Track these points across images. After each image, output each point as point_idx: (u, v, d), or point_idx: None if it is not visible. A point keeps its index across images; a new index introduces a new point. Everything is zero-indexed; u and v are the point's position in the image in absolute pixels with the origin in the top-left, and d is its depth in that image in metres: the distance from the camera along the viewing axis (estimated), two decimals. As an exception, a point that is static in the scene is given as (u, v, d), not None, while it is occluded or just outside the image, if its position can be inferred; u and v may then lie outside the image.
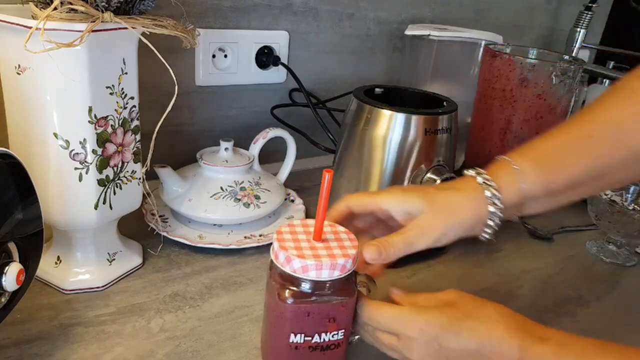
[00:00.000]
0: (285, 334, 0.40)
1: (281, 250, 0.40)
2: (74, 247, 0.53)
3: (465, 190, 0.44)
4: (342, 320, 0.41)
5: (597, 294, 0.62)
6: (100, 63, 0.46)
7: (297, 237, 0.42)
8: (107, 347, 0.45)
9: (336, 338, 0.41)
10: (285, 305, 0.39)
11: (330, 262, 0.38)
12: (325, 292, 0.40)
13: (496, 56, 0.73)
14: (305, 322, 0.40)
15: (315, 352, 0.41)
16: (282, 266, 0.40)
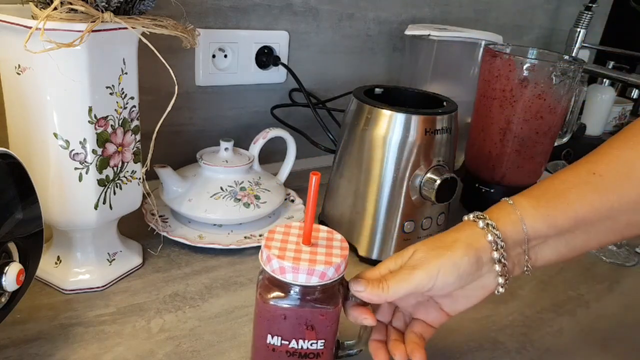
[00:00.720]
0: (263, 333, 0.40)
1: (265, 249, 0.40)
2: (74, 247, 0.53)
3: (463, 231, 0.42)
4: (322, 330, 0.40)
5: (597, 294, 0.62)
6: (100, 63, 0.46)
7: (288, 238, 0.41)
8: (107, 347, 0.45)
9: (315, 347, 0.40)
10: (263, 305, 0.39)
11: (308, 268, 0.38)
12: (304, 298, 0.39)
13: (496, 56, 0.73)
14: (281, 324, 0.39)
15: (293, 357, 0.41)
16: (264, 265, 0.40)
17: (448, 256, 0.40)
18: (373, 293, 0.40)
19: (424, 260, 0.40)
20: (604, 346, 0.53)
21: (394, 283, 0.40)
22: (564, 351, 0.52)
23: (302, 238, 0.41)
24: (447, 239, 0.42)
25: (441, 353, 0.49)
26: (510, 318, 0.56)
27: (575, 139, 0.88)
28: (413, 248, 0.42)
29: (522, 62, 0.70)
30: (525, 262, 0.42)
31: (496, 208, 0.43)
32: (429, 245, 0.42)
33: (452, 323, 0.53)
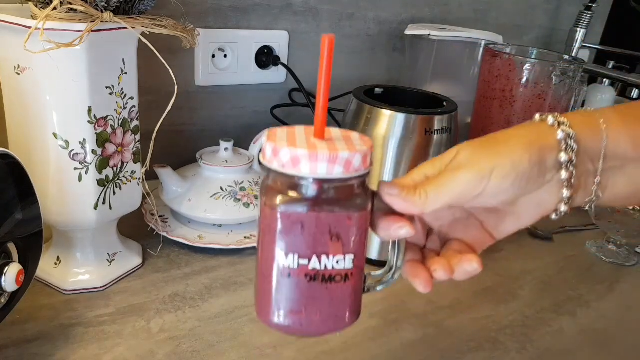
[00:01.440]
0: (273, 254, 0.31)
1: (269, 142, 0.31)
2: (74, 247, 0.53)
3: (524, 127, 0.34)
4: (349, 241, 0.31)
5: (597, 294, 0.62)
6: (100, 63, 0.46)
7: (295, 133, 0.32)
8: (107, 347, 0.45)
9: (342, 266, 0.31)
10: (271, 214, 0.31)
11: (329, 154, 0.29)
12: (324, 198, 0.30)
13: (496, 56, 0.73)
14: (298, 237, 0.30)
15: (315, 283, 0.31)
16: (269, 163, 0.31)
17: (504, 154, 0.32)
18: (408, 199, 0.31)
19: (472, 159, 0.32)
20: (604, 346, 0.53)
21: (434, 188, 0.32)
22: (564, 351, 0.52)
23: (314, 131, 0.31)
24: (502, 136, 0.33)
25: (441, 353, 0.49)
26: (511, 318, 0.56)
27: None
28: (456, 149, 0.33)
29: (522, 62, 0.70)
30: (594, 186, 0.34)
31: (575, 112, 0.35)
32: (477, 143, 0.33)
33: (452, 323, 0.54)
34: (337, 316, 0.32)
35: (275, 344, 0.48)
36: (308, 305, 0.31)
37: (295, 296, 0.31)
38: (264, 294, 0.32)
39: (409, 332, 0.52)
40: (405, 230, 0.31)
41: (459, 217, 0.36)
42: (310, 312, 0.31)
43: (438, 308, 0.56)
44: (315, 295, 0.31)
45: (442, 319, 0.54)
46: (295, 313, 0.31)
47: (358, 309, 0.33)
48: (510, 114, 0.73)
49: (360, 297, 0.33)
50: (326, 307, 0.31)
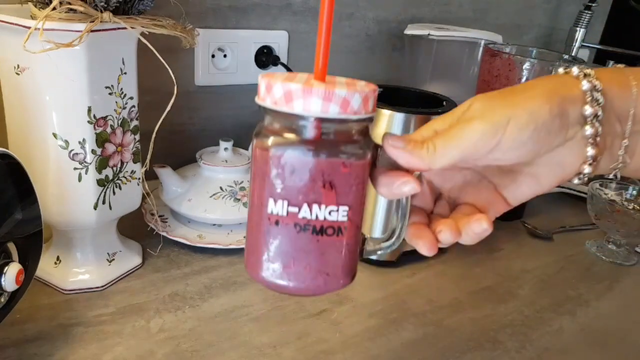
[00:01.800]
0: (263, 200, 0.29)
1: (263, 79, 0.29)
2: (74, 247, 0.53)
3: (546, 78, 0.31)
4: (345, 191, 0.28)
5: (597, 294, 0.62)
6: (100, 63, 0.46)
7: (294, 76, 0.30)
8: (107, 347, 0.45)
9: (335, 218, 0.28)
10: (263, 155, 0.28)
11: (325, 90, 0.26)
12: (318, 141, 0.28)
13: (496, 56, 0.73)
14: (289, 182, 0.28)
15: (304, 234, 0.28)
16: (262, 100, 0.29)
17: (522, 103, 0.28)
18: (414, 153, 0.29)
19: (485, 110, 0.29)
20: (603, 345, 0.53)
21: (443, 141, 0.29)
22: (563, 350, 0.52)
23: (314, 74, 0.29)
24: (521, 86, 0.30)
25: (441, 353, 0.49)
26: (510, 317, 0.56)
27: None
28: (469, 101, 0.31)
29: (521, 61, 0.70)
30: (621, 150, 0.31)
31: (603, 68, 0.32)
32: (493, 93, 0.30)
33: (451, 322, 0.54)
34: (328, 274, 0.29)
35: (275, 344, 0.48)
36: (296, 258, 0.29)
37: (283, 248, 0.29)
38: (252, 244, 0.30)
39: (409, 331, 0.52)
40: (409, 187, 0.28)
41: (470, 180, 0.34)
42: (298, 266, 0.29)
43: (438, 307, 0.56)
44: (305, 248, 0.29)
45: (442, 318, 0.54)
46: (283, 266, 0.29)
47: (352, 270, 0.31)
48: (509, 114, 0.73)
49: (356, 257, 0.31)
50: (316, 262, 0.29)
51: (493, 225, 0.30)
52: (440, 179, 0.34)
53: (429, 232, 0.31)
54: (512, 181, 0.32)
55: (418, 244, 0.31)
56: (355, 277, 0.31)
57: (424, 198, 0.34)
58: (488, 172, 0.33)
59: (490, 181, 0.33)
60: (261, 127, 0.29)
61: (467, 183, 0.34)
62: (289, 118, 0.27)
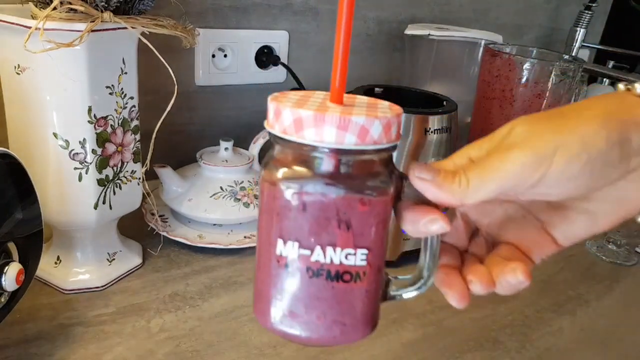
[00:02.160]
0: (271, 238, 0.26)
1: (272, 102, 0.25)
2: (74, 247, 0.53)
3: (601, 99, 0.27)
4: (363, 232, 0.25)
5: (597, 294, 0.62)
6: (100, 63, 0.46)
7: (307, 97, 0.27)
8: (107, 347, 0.45)
9: (353, 262, 0.25)
10: (272, 190, 0.25)
11: (339, 118, 0.23)
12: (333, 175, 0.24)
13: (496, 56, 0.73)
14: (300, 221, 0.25)
15: (318, 279, 0.25)
16: (270, 127, 0.25)
17: (572, 129, 0.24)
18: (444, 187, 0.25)
19: (529, 136, 0.24)
20: (604, 346, 0.53)
21: (478, 173, 0.25)
22: (563, 351, 0.52)
23: (330, 94, 0.26)
24: (571, 108, 0.26)
25: (441, 353, 0.49)
26: (510, 317, 0.56)
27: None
28: (510, 124, 0.26)
29: (521, 61, 0.70)
30: None
31: None
32: (538, 116, 0.26)
33: (451, 322, 0.54)
34: (345, 324, 0.26)
35: (275, 344, 0.48)
36: (309, 306, 0.26)
37: (293, 293, 0.26)
38: (260, 288, 0.27)
39: (409, 331, 0.52)
40: (437, 226, 0.25)
41: (513, 215, 0.29)
42: (311, 315, 0.26)
43: (438, 307, 0.56)
44: (318, 295, 0.25)
45: (442, 318, 0.54)
46: (294, 315, 0.26)
47: (373, 318, 0.28)
48: (510, 114, 0.73)
49: (377, 304, 0.28)
50: (331, 310, 0.26)
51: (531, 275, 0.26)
52: (477, 213, 0.30)
53: (460, 279, 0.28)
54: (563, 219, 0.28)
55: (447, 293, 0.28)
56: (378, 325, 0.28)
57: (458, 234, 0.30)
58: (534, 206, 0.29)
59: (537, 218, 0.29)
60: (270, 157, 0.26)
61: (509, 219, 0.30)
62: (300, 148, 0.24)
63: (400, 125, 0.26)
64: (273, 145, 0.26)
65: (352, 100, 0.26)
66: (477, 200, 0.25)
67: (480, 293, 0.27)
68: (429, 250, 0.28)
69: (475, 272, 0.27)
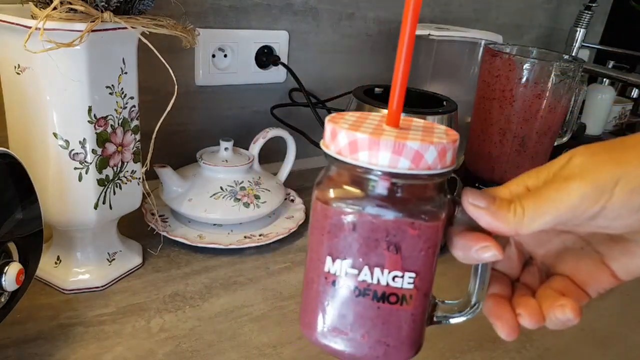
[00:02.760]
0: (320, 256, 0.27)
1: (329, 123, 0.26)
2: (74, 247, 0.53)
3: None
4: (412, 256, 0.26)
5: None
6: (100, 63, 0.46)
7: (365, 119, 0.27)
8: (107, 347, 0.45)
9: (400, 285, 0.26)
10: (323, 209, 0.26)
11: (394, 142, 0.24)
12: (385, 198, 0.25)
13: (496, 56, 0.73)
14: (349, 241, 0.25)
15: (364, 299, 0.26)
16: (326, 147, 0.26)
17: (634, 160, 0.23)
18: (499, 215, 0.24)
19: (588, 167, 0.24)
20: (604, 345, 0.53)
21: (534, 203, 0.24)
22: (564, 350, 0.52)
23: (387, 117, 0.26)
24: (633, 139, 0.25)
25: (441, 353, 0.49)
26: (510, 318, 0.56)
27: (575, 138, 0.88)
28: (569, 154, 0.26)
29: (521, 61, 0.70)
30: None
31: None
32: (599, 146, 0.25)
33: (452, 323, 0.54)
34: (388, 345, 0.27)
35: (275, 344, 0.48)
36: (354, 324, 0.26)
37: (339, 311, 0.26)
38: (308, 302, 0.28)
39: (409, 331, 0.52)
40: (490, 254, 0.25)
41: (571, 246, 0.29)
42: (355, 333, 0.26)
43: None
44: (364, 314, 0.26)
45: (442, 318, 0.54)
46: (339, 331, 0.27)
47: (417, 342, 0.28)
48: (510, 114, 0.73)
49: (422, 327, 0.28)
50: (376, 331, 0.26)
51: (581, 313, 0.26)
52: (533, 243, 0.29)
53: (510, 311, 0.27)
54: (624, 252, 0.27)
55: (496, 325, 0.27)
56: (422, 348, 0.28)
57: (510, 263, 0.30)
58: (594, 239, 0.28)
59: (596, 250, 0.28)
60: (324, 176, 0.27)
61: (566, 250, 0.29)
62: (354, 170, 0.25)
63: (456, 151, 0.26)
64: (328, 166, 0.27)
65: (408, 123, 0.27)
66: (533, 231, 0.24)
67: (529, 327, 0.27)
68: (479, 278, 0.28)
69: (525, 305, 0.27)
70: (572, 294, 0.27)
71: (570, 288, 0.28)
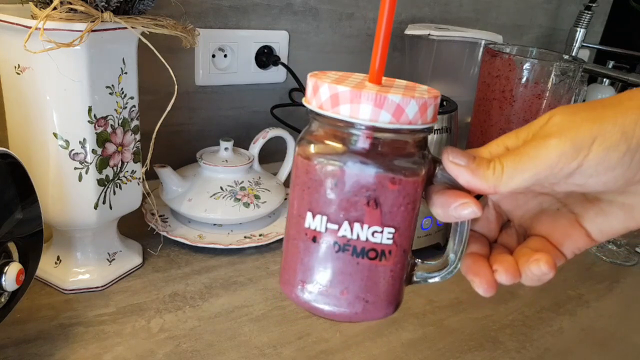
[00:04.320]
0: (301, 211, 0.27)
1: (311, 78, 0.26)
2: (74, 247, 0.53)
3: None
4: (392, 211, 0.25)
5: (597, 294, 0.62)
6: (100, 63, 0.46)
7: (347, 76, 0.27)
8: (107, 347, 0.45)
9: (379, 240, 0.26)
10: (304, 164, 0.26)
11: (375, 95, 0.23)
12: (365, 152, 0.25)
13: (496, 56, 0.73)
14: (330, 196, 0.25)
15: (344, 254, 0.26)
16: (308, 102, 0.26)
17: (611, 118, 0.24)
18: (478, 173, 0.25)
19: (567, 125, 0.24)
20: (604, 346, 0.53)
21: (513, 160, 0.24)
22: (564, 351, 0.52)
23: (369, 75, 0.26)
24: (612, 99, 0.25)
25: (441, 353, 0.49)
26: (511, 317, 0.56)
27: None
28: (549, 114, 0.26)
29: (522, 61, 0.70)
30: None
31: None
32: (577, 106, 0.25)
33: (452, 322, 0.54)
34: (367, 301, 0.27)
35: (275, 344, 0.48)
36: (333, 280, 0.26)
37: (319, 267, 0.26)
38: (288, 260, 0.28)
39: (409, 331, 0.52)
40: (469, 210, 0.25)
41: (547, 207, 0.29)
42: (334, 289, 0.26)
43: (438, 307, 0.56)
44: (343, 270, 0.26)
45: (442, 318, 0.54)
46: (318, 288, 0.27)
47: (396, 299, 0.28)
48: (510, 114, 0.73)
49: (401, 285, 0.28)
50: (355, 286, 0.26)
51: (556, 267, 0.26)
52: (511, 204, 0.30)
53: (487, 268, 0.28)
54: (599, 212, 0.27)
55: (474, 281, 0.28)
56: (400, 306, 0.28)
57: (488, 224, 0.30)
58: (569, 199, 0.28)
59: (572, 211, 0.28)
60: (305, 132, 0.27)
61: (542, 211, 0.29)
62: (335, 124, 0.25)
63: (437, 108, 0.26)
64: (310, 121, 0.27)
65: (390, 82, 0.27)
66: (511, 189, 0.25)
67: (505, 283, 0.27)
68: (458, 237, 0.28)
69: (501, 261, 0.27)
70: (550, 253, 0.27)
71: (546, 247, 0.28)
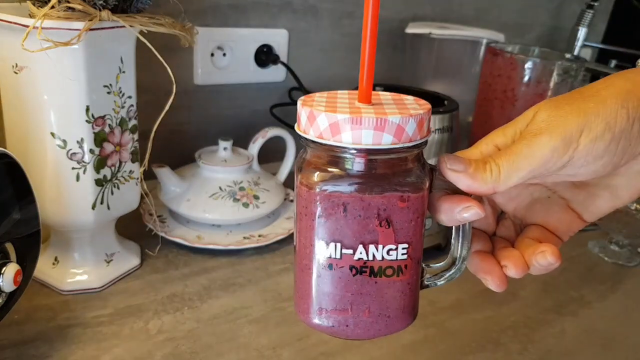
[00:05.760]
0: (313, 242, 0.27)
1: (304, 107, 0.26)
2: (72, 247, 0.52)
3: (619, 77, 0.27)
4: (403, 227, 0.26)
5: (600, 295, 0.62)
6: (98, 62, 0.46)
7: (335, 98, 0.27)
8: (105, 348, 0.45)
9: (394, 257, 0.26)
10: (310, 194, 0.26)
11: (376, 119, 0.24)
12: (371, 175, 0.25)
13: (498, 55, 0.72)
14: (341, 222, 0.26)
15: (362, 277, 0.26)
16: (304, 132, 0.26)
17: (594, 109, 0.25)
18: (477, 177, 0.26)
19: (554, 121, 0.26)
20: (606, 347, 0.53)
21: (508, 160, 0.26)
22: (566, 352, 0.52)
23: (359, 94, 0.26)
24: (590, 89, 0.27)
25: (442, 355, 0.49)
26: (512, 319, 0.55)
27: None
28: (533, 109, 0.28)
29: (523, 60, 0.70)
30: None
31: None
32: (559, 99, 0.27)
33: (453, 323, 0.53)
34: (389, 317, 0.27)
35: (274, 345, 0.47)
36: (354, 302, 0.27)
37: (339, 292, 0.27)
38: (303, 288, 0.28)
39: (410, 333, 0.51)
40: (472, 212, 0.26)
41: (539, 197, 0.30)
42: (357, 311, 0.27)
43: (439, 309, 0.55)
44: (363, 292, 0.27)
45: (443, 319, 0.54)
46: (340, 312, 0.27)
47: (414, 308, 0.29)
48: (511, 113, 0.72)
49: (417, 294, 0.29)
50: (376, 305, 0.27)
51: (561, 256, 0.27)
52: (504, 198, 0.31)
53: (497, 265, 0.28)
54: (587, 195, 0.29)
55: (486, 280, 0.29)
56: (418, 313, 0.29)
57: (486, 219, 0.31)
58: (559, 187, 0.30)
59: (562, 197, 0.30)
60: (303, 160, 0.27)
61: (535, 201, 0.31)
62: (336, 150, 0.25)
63: (430, 119, 0.27)
64: (305, 149, 0.27)
65: (378, 98, 0.27)
66: (509, 187, 0.26)
67: (515, 277, 0.28)
68: (462, 238, 0.29)
69: (509, 257, 0.28)
70: (549, 240, 0.29)
71: (545, 235, 0.30)
